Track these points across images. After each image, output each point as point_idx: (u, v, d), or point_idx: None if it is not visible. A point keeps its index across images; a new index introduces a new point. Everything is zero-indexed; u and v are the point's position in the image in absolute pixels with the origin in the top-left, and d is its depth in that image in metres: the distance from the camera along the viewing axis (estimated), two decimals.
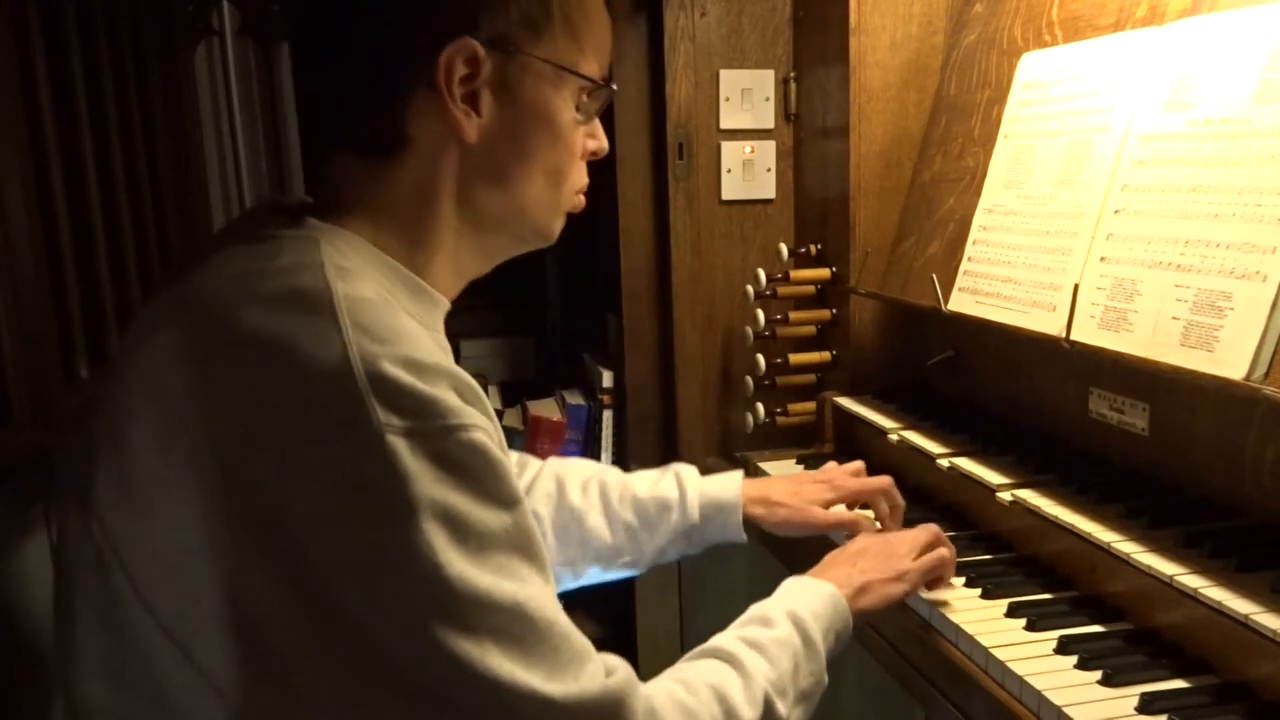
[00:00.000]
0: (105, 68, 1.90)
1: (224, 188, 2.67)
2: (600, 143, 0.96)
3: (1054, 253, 1.33)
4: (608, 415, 2.21)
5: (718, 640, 0.98)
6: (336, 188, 0.87)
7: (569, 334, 2.73)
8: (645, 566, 1.32)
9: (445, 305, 0.92)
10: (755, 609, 1.03)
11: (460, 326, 2.68)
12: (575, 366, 2.54)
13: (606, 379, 2.21)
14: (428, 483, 0.73)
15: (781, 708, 0.94)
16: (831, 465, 1.37)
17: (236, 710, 0.76)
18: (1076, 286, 1.25)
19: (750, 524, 1.30)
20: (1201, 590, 0.99)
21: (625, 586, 1.34)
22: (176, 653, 0.76)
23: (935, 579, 1.17)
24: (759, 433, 1.95)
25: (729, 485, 1.30)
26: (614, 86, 0.94)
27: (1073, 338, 1.24)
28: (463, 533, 0.74)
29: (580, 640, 0.81)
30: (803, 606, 1.02)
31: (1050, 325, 1.30)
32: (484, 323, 2.70)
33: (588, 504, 1.28)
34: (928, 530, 1.19)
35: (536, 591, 0.78)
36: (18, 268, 1.49)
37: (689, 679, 0.91)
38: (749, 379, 1.95)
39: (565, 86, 0.89)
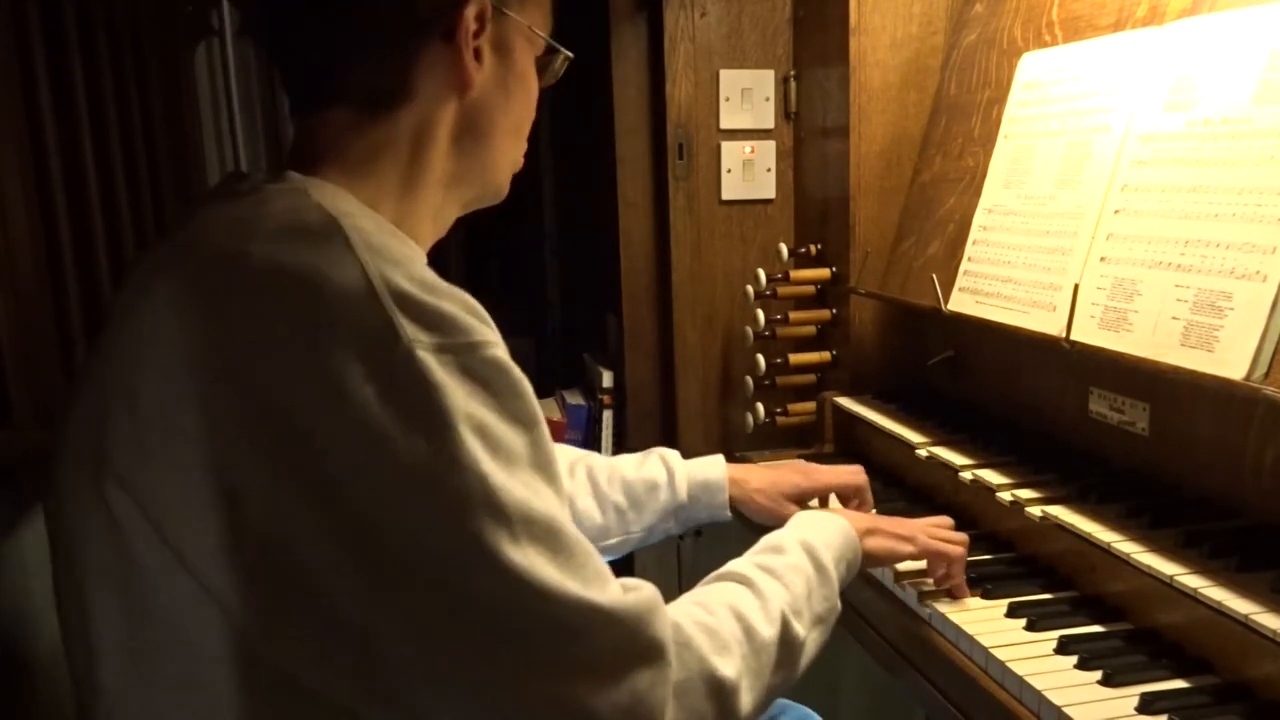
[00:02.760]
0: (105, 68, 1.90)
1: None
2: (533, 113, 1.00)
3: (1054, 253, 1.33)
4: (608, 415, 2.21)
5: (732, 565, 1.00)
6: (316, 143, 0.88)
7: (569, 334, 2.74)
8: (632, 547, 1.34)
9: (422, 256, 0.91)
10: (767, 539, 1.06)
11: None
12: (575, 366, 2.54)
13: (606, 379, 2.21)
14: (460, 396, 0.73)
15: (798, 627, 0.96)
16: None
17: (272, 667, 0.74)
18: (1076, 286, 1.25)
19: (736, 511, 1.35)
20: (1201, 590, 0.99)
21: None
22: (213, 612, 0.74)
23: (945, 576, 1.18)
24: (759, 433, 1.95)
25: (715, 467, 1.35)
26: (569, 54, 0.98)
27: (1073, 338, 1.24)
28: (494, 447, 0.74)
29: (600, 560, 0.81)
30: (815, 536, 1.06)
31: (1050, 325, 1.30)
32: None
33: (576, 487, 1.31)
34: (941, 518, 1.24)
35: (561, 510, 0.79)
36: (18, 268, 1.49)
37: (706, 601, 0.93)
38: (749, 379, 1.95)
39: (533, 50, 0.95)
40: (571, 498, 1.29)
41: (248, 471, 0.72)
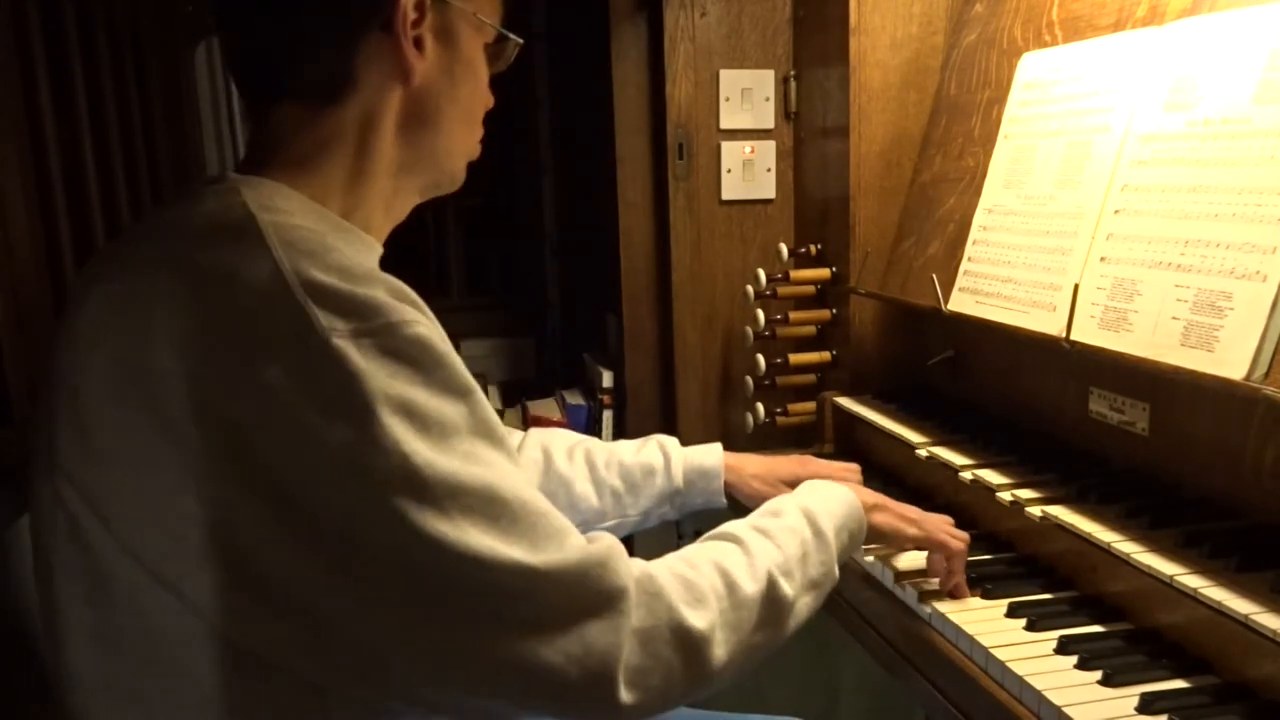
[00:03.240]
0: (105, 68, 1.90)
1: None
2: (490, 99, 1.01)
3: (1054, 253, 1.33)
4: (608, 415, 2.21)
5: (727, 525, 1.02)
6: (267, 140, 0.90)
7: (569, 334, 2.74)
8: (629, 530, 1.36)
9: (377, 249, 0.94)
10: (769, 504, 1.08)
11: (460, 326, 2.69)
12: (575, 366, 2.54)
13: (606, 379, 2.21)
14: (381, 379, 0.75)
15: (787, 587, 0.96)
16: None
17: (236, 648, 0.77)
18: (1076, 286, 1.25)
19: (731, 496, 1.37)
20: (1201, 590, 0.99)
21: None
22: (171, 600, 0.77)
23: (945, 574, 1.18)
24: (759, 433, 1.95)
25: (711, 454, 1.37)
26: (520, 40, 0.99)
27: (1073, 338, 1.24)
28: (422, 423, 0.76)
29: (558, 518, 0.83)
30: (816, 504, 1.07)
31: (1050, 325, 1.30)
32: (484, 323, 2.70)
33: (574, 471, 1.33)
34: (942, 516, 1.24)
35: (504, 473, 0.80)
36: (18, 268, 1.49)
37: (691, 556, 0.94)
38: (749, 379, 1.95)
39: (482, 37, 0.95)
40: (570, 481, 1.32)
41: (187, 465, 0.75)
